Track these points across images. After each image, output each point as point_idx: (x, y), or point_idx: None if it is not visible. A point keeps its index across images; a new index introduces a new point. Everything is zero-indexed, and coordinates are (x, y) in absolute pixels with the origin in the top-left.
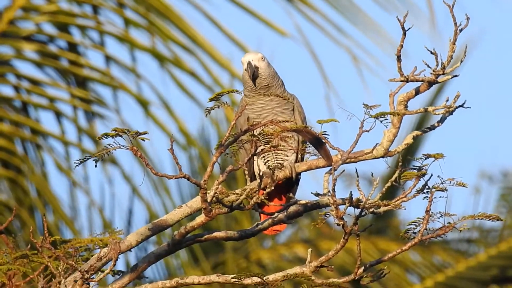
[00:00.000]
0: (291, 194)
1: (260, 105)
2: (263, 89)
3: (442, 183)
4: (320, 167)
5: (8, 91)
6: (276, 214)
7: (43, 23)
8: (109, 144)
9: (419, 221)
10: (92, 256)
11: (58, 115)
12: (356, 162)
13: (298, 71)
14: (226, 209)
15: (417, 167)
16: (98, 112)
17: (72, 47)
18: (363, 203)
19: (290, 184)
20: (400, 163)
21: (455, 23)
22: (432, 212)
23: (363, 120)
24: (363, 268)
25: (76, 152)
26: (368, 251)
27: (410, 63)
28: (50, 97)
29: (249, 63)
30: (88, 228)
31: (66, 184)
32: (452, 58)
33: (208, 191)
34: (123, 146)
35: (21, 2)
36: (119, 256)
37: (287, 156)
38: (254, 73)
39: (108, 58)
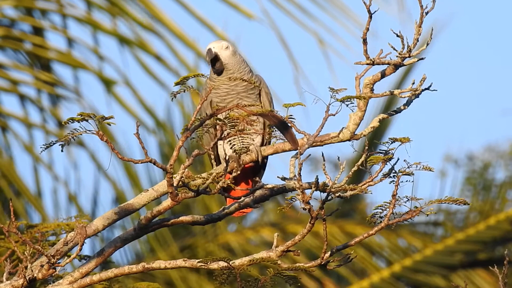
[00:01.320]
0: (257, 178)
1: (225, 90)
2: (226, 75)
3: (408, 167)
4: (286, 151)
5: None
6: (242, 198)
7: (6, 7)
8: (75, 129)
9: (385, 205)
10: (58, 240)
11: (22, 97)
12: (322, 145)
13: (265, 54)
14: (192, 193)
15: (384, 151)
16: (62, 95)
17: (36, 30)
18: (329, 187)
19: (257, 168)
20: (366, 147)
21: (421, 6)
22: (398, 196)
23: (329, 104)
24: (330, 252)
25: (40, 135)
26: (335, 235)
27: (380, 46)
28: (13, 80)
29: (209, 49)
30: (54, 211)
31: (30, 166)
32: (418, 41)
33: (174, 176)
34: (89, 130)
35: None
36: (85, 240)
37: (253, 140)
38: (212, 60)
39: (71, 41)
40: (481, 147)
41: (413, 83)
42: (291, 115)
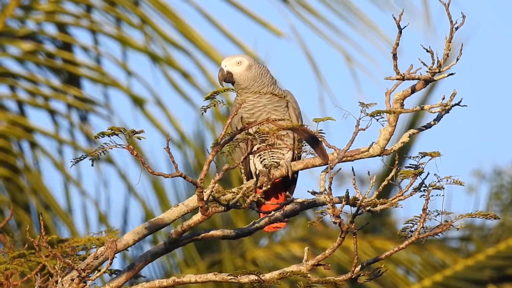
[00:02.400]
0: (287, 193)
1: (251, 102)
2: (244, 90)
3: (439, 181)
4: (316, 166)
5: (2, 90)
6: (272, 212)
7: (38, 23)
8: (105, 143)
9: (416, 219)
10: (89, 255)
11: (52, 113)
12: (352, 160)
13: (293, 71)
14: (223, 207)
15: (414, 165)
16: (93, 109)
17: (67, 46)
18: (359, 202)
19: (287, 183)
20: (397, 161)
21: (451, 21)
22: (429, 211)
23: (359, 118)
24: (360, 266)
25: (69, 151)
26: (364, 250)
27: (404, 62)
28: (44, 96)
29: (221, 69)
30: (84, 226)
31: (61, 183)
32: (448, 56)
33: (205, 190)
34: (120, 145)
35: (16, 2)
36: (115, 255)
37: (283, 155)
38: (225, 78)
39: (102, 57)
40: (509, 162)
41: (443, 98)
42: (321, 130)
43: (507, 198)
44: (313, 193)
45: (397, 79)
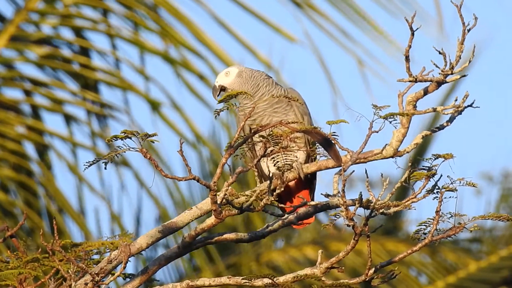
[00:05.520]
0: (300, 195)
1: (248, 109)
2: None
3: (452, 183)
4: (329, 168)
5: (17, 95)
6: (286, 215)
7: (55, 28)
8: (119, 146)
9: (429, 221)
10: (102, 259)
11: (68, 118)
12: (365, 162)
13: (306, 76)
14: (236, 210)
15: (427, 167)
16: (110, 114)
17: (84, 50)
18: (373, 204)
19: (308, 183)
20: (410, 163)
21: (463, 23)
22: (442, 213)
23: (373, 121)
24: (373, 269)
25: (87, 154)
26: (377, 253)
27: (417, 68)
28: (60, 100)
29: (214, 86)
30: (97, 229)
31: (75, 186)
32: (460, 58)
33: (218, 193)
34: (133, 148)
35: (32, 6)
36: (129, 258)
37: (296, 157)
38: (218, 93)
39: (118, 61)
40: None
41: (456, 100)
42: (334, 132)
43: None
44: (327, 195)
45: (410, 81)
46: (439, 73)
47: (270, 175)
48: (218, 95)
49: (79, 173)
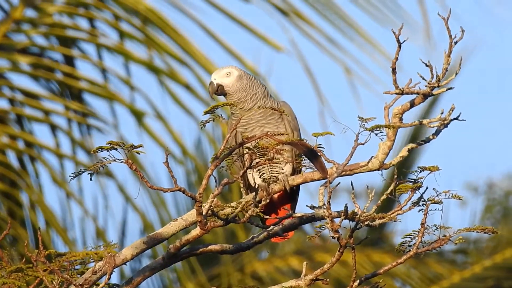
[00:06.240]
0: (285, 207)
1: (244, 120)
2: (239, 104)
3: (437, 195)
4: (315, 180)
5: (2, 104)
6: (271, 227)
7: (38, 36)
8: (104, 157)
9: (414, 233)
10: (87, 269)
11: (53, 128)
12: (351, 174)
13: (293, 86)
14: (221, 222)
15: (413, 180)
16: (94, 125)
17: (68, 59)
18: (358, 216)
19: (291, 196)
20: (396, 176)
21: (450, 36)
22: (427, 225)
23: (358, 133)
24: (358, 281)
25: (70, 165)
26: (362, 264)
27: (405, 77)
28: (45, 110)
29: (211, 82)
30: (82, 240)
31: (60, 197)
32: (447, 70)
33: (204, 204)
34: (118, 159)
35: (17, 15)
36: (114, 269)
37: (282, 169)
38: (215, 91)
39: (104, 71)
40: (501, 175)
41: (442, 113)
42: (320, 144)
43: (499, 211)
44: (312, 207)
45: (396, 93)
46: (426, 86)
47: (256, 186)
48: (215, 93)
49: (64, 185)
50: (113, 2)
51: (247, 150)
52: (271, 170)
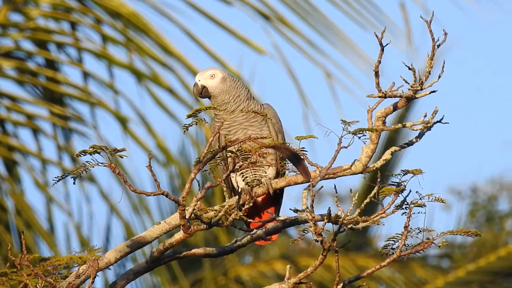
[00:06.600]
0: (269, 210)
1: (227, 122)
2: (223, 105)
3: (420, 198)
4: (298, 183)
5: None
6: (255, 230)
7: (21, 40)
8: (87, 161)
9: (397, 237)
10: (70, 273)
11: (36, 132)
12: (334, 178)
13: (276, 89)
14: (205, 225)
15: (396, 183)
16: (77, 129)
17: (50, 64)
18: (341, 219)
19: (275, 200)
20: (379, 179)
21: (433, 39)
22: (411, 228)
23: (342, 136)
24: (342, 284)
25: (54, 170)
26: (346, 268)
27: (387, 82)
28: (28, 114)
29: (195, 83)
30: (66, 245)
31: (43, 201)
32: (429, 73)
33: (187, 208)
34: (101, 163)
35: (0, 18)
36: (97, 273)
37: (266, 172)
38: (200, 93)
39: (86, 75)
40: (485, 180)
41: (425, 116)
42: (303, 148)
43: (483, 215)
44: (295, 211)
45: (379, 96)
46: (409, 89)
47: (239, 190)
48: (200, 95)
49: (47, 189)
50: (96, 6)
51: (230, 153)
52: (255, 174)
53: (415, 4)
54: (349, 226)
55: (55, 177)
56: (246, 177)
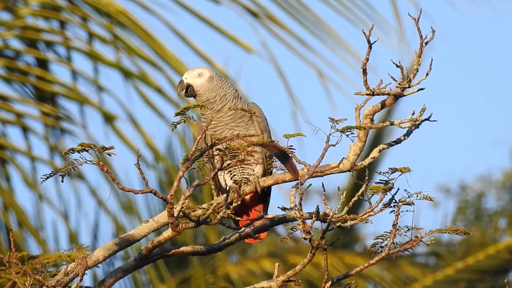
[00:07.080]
0: (258, 209)
1: (214, 122)
2: (209, 105)
3: (409, 197)
4: (286, 181)
5: None
6: (243, 228)
7: (10, 39)
8: (75, 159)
9: (386, 235)
10: (59, 271)
11: (25, 130)
12: (322, 176)
13: (264, 88)
14: (193, 223)
15: (384, 181)
16: (65, 128)
17: (40, 62)
18: (330, 217)
19: (263, 198)
20: (367, 177)
21: (421, 36)
22: (399, 226)
23: (329, 134)
24: (330, 282)
25: (42, 168)
26: (335, 266)
27: (378, 79)
28: (17, 113)
29: (181, 81)
30: (54, 243)
31: (32, 199)
32: (418, 71)
33: (175, 206)
34: (90, 161)
35: None
36: (86, 271)
37: (253, 170)
38: (185, 91)
39: (75, 73)
40: (474, 177)
41: (413, 114)
42: (291, 146)
43: (471, 213)
44: (283, 209)
45: (367, 94)
46: (396, 87)
47: (227, 188)
48: (184, 92)
49: (36, 187)
50: (84, 4)
51: (218, 151)
52: (242, 172)
53: (407, 1)
54: (338, 224)
55: (44, 175)
56: (234, 175)
